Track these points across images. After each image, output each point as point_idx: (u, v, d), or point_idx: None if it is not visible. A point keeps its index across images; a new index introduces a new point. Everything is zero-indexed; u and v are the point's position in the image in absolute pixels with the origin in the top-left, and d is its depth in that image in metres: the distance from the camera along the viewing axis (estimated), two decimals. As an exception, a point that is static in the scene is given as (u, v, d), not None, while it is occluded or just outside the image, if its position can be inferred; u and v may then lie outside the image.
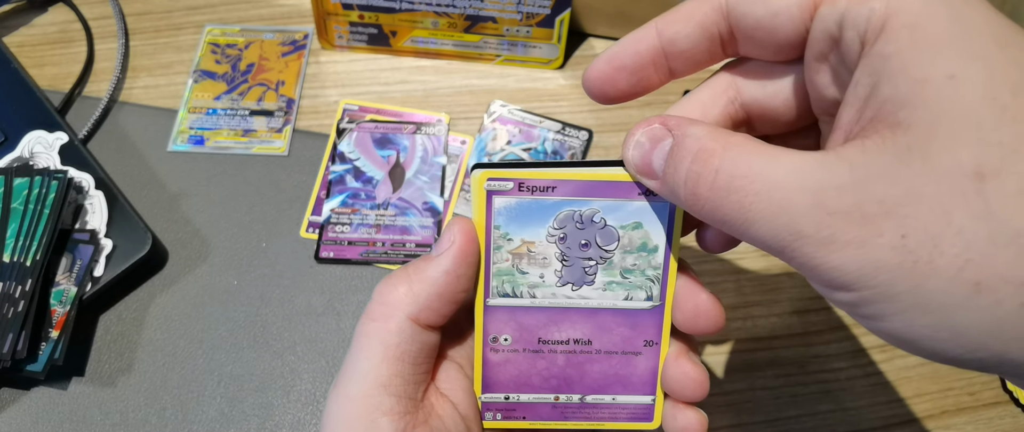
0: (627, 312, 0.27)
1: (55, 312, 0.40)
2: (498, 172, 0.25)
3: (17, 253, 0.40)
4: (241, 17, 0.53)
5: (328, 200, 0.46)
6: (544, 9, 0.48)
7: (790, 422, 0.40)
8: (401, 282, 0.26)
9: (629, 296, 0.26)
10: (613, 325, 0.27)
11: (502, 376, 0.28)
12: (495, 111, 0.49)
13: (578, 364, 0.27)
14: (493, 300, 0.27)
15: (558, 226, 0.26)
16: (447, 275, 0.25)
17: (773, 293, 0.44)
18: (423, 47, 0.51)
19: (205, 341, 0.42)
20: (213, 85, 0.50)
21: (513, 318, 0.27)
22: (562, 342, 0.27)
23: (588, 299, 0.26)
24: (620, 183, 0.25)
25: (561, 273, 0.26)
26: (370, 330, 0.25)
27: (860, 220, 0.18)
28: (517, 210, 0.26)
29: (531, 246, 0.26)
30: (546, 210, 0.25)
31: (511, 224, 0.26)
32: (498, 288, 0.26)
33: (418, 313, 0.25)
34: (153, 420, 0.40)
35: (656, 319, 0.27)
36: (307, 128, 0.49)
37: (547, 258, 0.26)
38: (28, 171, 0.43)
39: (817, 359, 0.42)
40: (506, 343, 0.27)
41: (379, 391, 0.25)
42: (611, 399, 0.28)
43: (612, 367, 0.27)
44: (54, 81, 0.51)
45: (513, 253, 0.26)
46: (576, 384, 0.28)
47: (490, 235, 0.26)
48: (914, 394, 0.41)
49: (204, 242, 0.45)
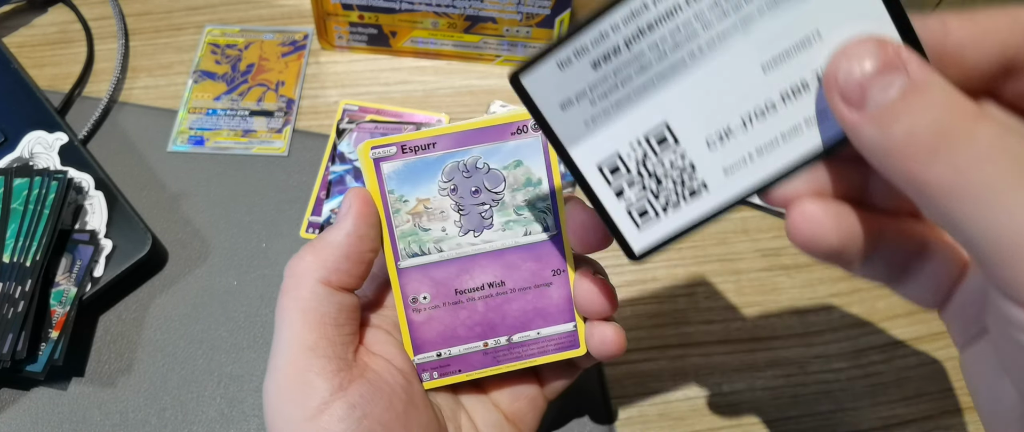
0: (530, 247, 0.28)
1: (55, 312, 0.40)
2: (380, 140, 0.27)
3: (17, 253, 0.40)
4: (241, 17, 0.53)
5: (328, 200, 0.46)
6: (544, 9, 0.48)
7: (790, 422, 0.40)
8: (307, 253, 0.27)
9: (528, 231, 0.28)
10: (520, 262, 0.28)
11: (429, 334, 0.29)
12: (495, 111, 0.49)
13: (497, 307, 0.28)
14: (404, 262, 0.28)
15: (446, 179, 0.27)
16: (349, 237, 0.26)
17: (773, 293, 0.44)
18: (423, 47, 0.51)
19: (205, 341, 0.42)
20: (213, 85, 0.50)
21: (426, 275, 0.28)
22: (477, 289, 0.28)
23: (491, 242, 0.28)
24: (492, 128, 0.27)
25: (460, 223, 0.28)
26: (286, 303, 0.26)
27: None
28: (405, 172, 0.27)
29: (426, 203, 0.27)
30: (432, 166, 0.27)
31: (403, 186, 0.27)
32: (405, 249, 0.28)
33: (328, 276, 0.26)
34: (153, 420, 0.40)
35: (557, 248, 0.28)
36: (307, 128, 0.49)
37: (444, 211, 0.27)
38: (28, 171, 0.43)
39: (817, 359, 0.42)
40: (425, 301, 0.28)
41: (306, 354, 0.25)
42: (536, 334, 0.29)
43: (529, 303, 0.28)
44: (54, 81, 0.51)
45: (412, 213, 0.27)
46: (500, 327, 0.29)
47: (386, 200, 0.27)
48: (914, 394, 0.41)
49: (204, 242, 0.45)
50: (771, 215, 0.46)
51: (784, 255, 0.45)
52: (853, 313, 0.43)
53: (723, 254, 0.45)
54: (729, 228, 0.46)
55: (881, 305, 0.44)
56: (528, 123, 0.27)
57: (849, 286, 0.44)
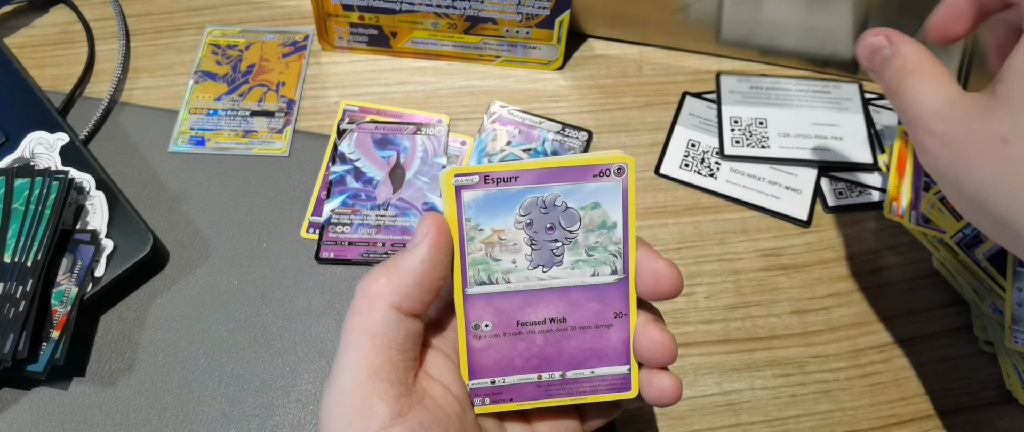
0: (595, 287, 0.29)
1: (56, 312, 0.40)
2: (465, 168, 0.27)
3: (18, 253, 0.40)
4: (242, 18, 0.54)
5: (328, 201, 0.46)
6: (544, 10, 0.48)
7: (790, 422, 0.40)
8: (381, 275, 0.27)
9: (596, 272, 0.28)
10: (584, 301, 0.29)
11: (486, 361, 0.29)
12: (495, 112, 0.50)
13: (556, 342, 0.29)
14: (471, 289, 0.28)
15: (524, 213, 0.28)
16: (423, 264, 0.27)
17: (773, 293, 0.44)
18: (423, 48, 0.51)
19: (206, 341, 0.42)
20: (214, 86, 0.50)
21: (491, 304, 0.28)
22: (539, 322, 0.29)
23: (558, 279, 0.28)
24: (575, 168, 0.28)
25: (531, 257, 0.28)
26: (355, 323, 0.27)
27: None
28: (485, 201, 0.28)
29: (501, 234, 0.28)
30: (511, 199, 0.28)
31: (481, 215, 0.28)
32: (475, 277, 0.28)
33: (400, 302, 0.27)
34: (154, 420, 0.40)
35: (622, 291, 0.29)
36: (307, 129, 0.49)
37: (517, 244, 0.28)
38: (29, 172, 0.43)
39: (817, 359, 0.42)
40: (487, 329, 0.29)
41: (371, 378, 0.26)
42: (590, 373, 0.29)
43: (587, 342, 0.29)
44: (55, 82, 0.51)
45: (485, 242, 0.28)
46: (556, 362, 0.29)
47: (462, 228, 0.28)
48: (913, 394, 0.41)
49: (205, 242, 0.45)
50: (770, 216, 0.46)
51: (784, 255, 0.45)
52: (852, 313, 0.43)
53: (723, 254, 0.45)
54: (729, 228, 0.46)
55: (880, 305, 0.44)
56: (611, 166, 0.28)
57: (848, 286, 0.44)
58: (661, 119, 0.50)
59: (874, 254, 0.45)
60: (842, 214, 0.47)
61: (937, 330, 0.43)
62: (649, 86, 0.51)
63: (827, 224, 0.46)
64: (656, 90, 0.51)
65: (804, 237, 0.46)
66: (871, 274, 0.45)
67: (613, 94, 0.51)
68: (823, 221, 0.46)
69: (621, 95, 0.51)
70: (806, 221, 0.46)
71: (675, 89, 0.51)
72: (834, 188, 0.47)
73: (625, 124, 0.50)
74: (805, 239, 0.46)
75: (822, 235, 0.46)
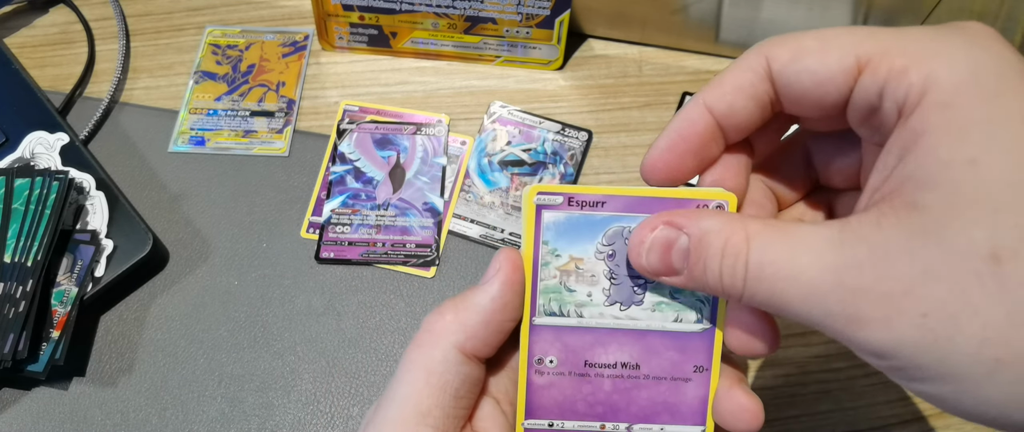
0: (677, 335, 0.26)
1: (56, 312, 0.40)
2: (549, 186, 0.25)
3: (18, 254, 0.40)
4: (242, 18, 0.54)
5: (328, 201, 0.46)
6: (544, 10, 0.48)
7: (790, 422, 0.40)
8: (448, 310, 0.25)
9: (679, 318, 0.26)
10: (662, 349, 0.26)
11: (546, 401, 0.26)
12: (495, 112, 0.50)
13: (625, 390, 0.26)
14: (539, 319, 0.26)
15: (607, 243, 0.25)
16: (494, 302, 0.25)
17: (772, 293, 0.44)
18: (423, 48, 0.51)
19: (206, 341, 0.42)
20: (214, 86, 0.50)
21: (559, 338, 0.26)
22: (609, 365, 0.26)
23: (636, 320, 0.26)
24: (670, 199, 0.25)
25: (609, 292, 0.26)
26: (415, 357, 0.25)
27: (881, 298, 0.18)
28: (566, 225, 0.25)
29: (579, 263, 0.25)
30: (595, 226, 0.25)
31: (560, 240, 0.25)
32: (544, 306, 0.26)
33: (465, 342, 0.25)
34: (154, 420, 0.40)
35: (706, 343, 0.26)
36: (307, 129, 0.49)
37: (595, 276, 0.25)
38: (29, 172, 0.43)
39: (817, 359, 0.42)
40: (552, 365, 0.26)
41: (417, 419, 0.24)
42: (659, 429, 0.27)
43: (660, 394, 0.26)
44: (55, 82, 0.51)
45: (561, 270, 0.26)
46: (622, 412, 0.26)
47: (538, 251, 0.25)
48: (913, 394, 0.41)
49: (205, 243, 0.45)
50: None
51: (783, 255, 0.45)
52: (852, 313, 0.43)
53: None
54: (728, 228, 0.46)
55: (880, 305, 0.44)
56: (710, 202, 0.24)
57: (848, 286, 0.44)
58: (661, 119, 0.50)
59: (874, 254, 0.45)
60: (842, 214, 0.47)
61: (937, 330, 0.43)
62: (649, 86, 0.51)
63: (827, 224, 0.46)
64: (656, 90, 0.51)
65: (804, 237, 0.46)
66: (871, 274, 0.45)
67: (613, 94, 0.51)
68: (823, 221, 0.46)
69: (621, 95, 0.51)
70: (806, 221, 0.46)
71: (675, 89, 0.51)
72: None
73: (625, 124, 0.50)
74: (805, 239, 0.46)
75: (822, 235, 0.46)
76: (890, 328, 0.18)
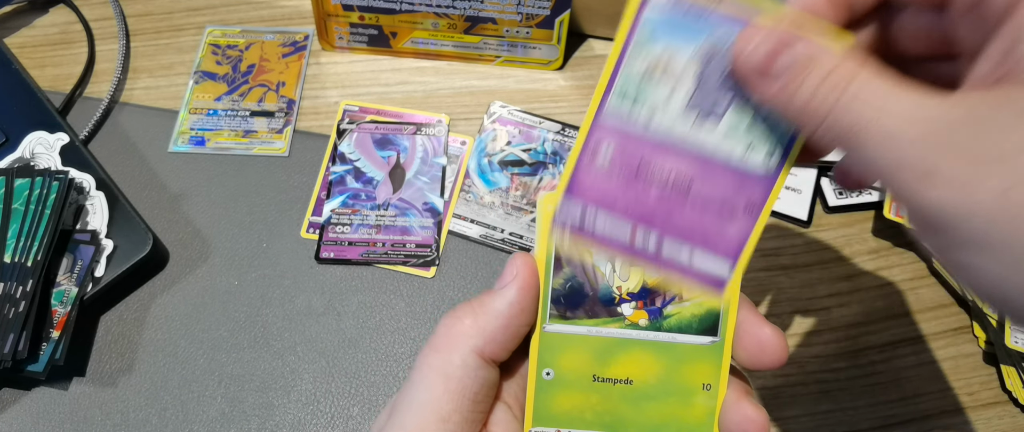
0: (738, 170, 0.25)
1: (56, 312, 0.40)
2: None
3: (18, 254, 0.40)
4: (242, 18, 0.54)
5: (328, 201, 0.46)
6: (544, 10, 0.48)
7: (790, 422, 0.40)
8: (466, 314, 0.25)
9: (746, 153, 0.25)
10: (720, 177, 0.25)
11: (588, 185, 0.26)
12: (495, 112, 0.50)
13: (669, 204, 0.25)
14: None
15: (708, 45, 0.24)
16: (511, 307, 0.25)
17: (773, 293, 0.44)
18: (423, 48, 0.51)
19: (206, 341, 0.42)
20: (214, 86, 0.50)
21: (621, 134, 0.25)
22: (661, 175, 0.25)
23: (704, 141, 0.25)
24: None
25: (692, 95, 0.24)
26: (433, 361, 0.25)
27: (969, 160, 0.17)
28: (673, 16, 0.24)
29: (673, 55, 0.24)
30: (702, 26, 0.24)
31: (660, 29, 0.24)
32: (622, 87, 0.25)
33: (483, 346, 0.25)
34: (154, 420, 0.40)
35: (765, 186, 0.25)
36: (307, 129, 0.49)
37: (682, 75, 0.24)
38: (29, 172, 0.43)
39: (817, 359, 0.42)
40: (606, 151, 0.25)
41: (437, 424, 0.24)
42: (689, 249, 0.26)
43: (703, 221, 0.25)
44: (55, 82, 0.51)
45: (652, 61, 0.24)
46: (659, 222, 0.26)
47: (634, 33, 0.24)
48: (913, 394, 0.41)
49: (205, 243, 0.45)
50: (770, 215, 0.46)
51: (784, 255, 0.45)
52: (852, 313, 0.43)
53: (722, 254, 0.45)
54: (728, 228, 0.46)
55: (880, 305, 0.44)
56: None
57: (849, 286, 0.44)
58: (661, 119, 0.50)
59: (874, 254, 0.45)
60: (842, 214, 0.47)
61: (937, 330, 0.43)
62: (649, 86, 0.51)
63: (827, 224, 0.46)
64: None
65: (804, 237, 0.46)
66: (871, 274, 0.45)
67: (613, 94, 0.51)
68: (823, 221, 0.46)
69: (621, 95, 0.51)
70: (806, 221, 0.46)
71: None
72: (834, 188, 0.47)
73: (625, 124, 0.50)
74: (805, 239, 0.46)
75: (822, 235, 0.46)
76: (966, 192, 0.17)
